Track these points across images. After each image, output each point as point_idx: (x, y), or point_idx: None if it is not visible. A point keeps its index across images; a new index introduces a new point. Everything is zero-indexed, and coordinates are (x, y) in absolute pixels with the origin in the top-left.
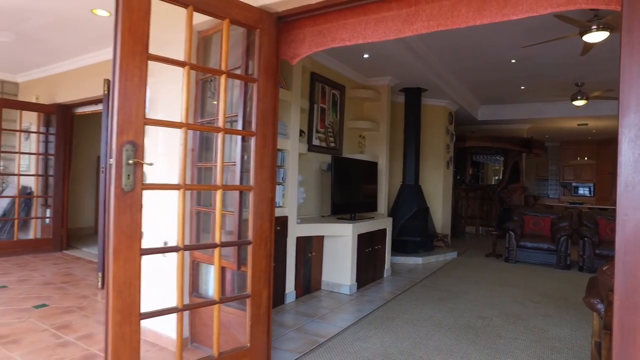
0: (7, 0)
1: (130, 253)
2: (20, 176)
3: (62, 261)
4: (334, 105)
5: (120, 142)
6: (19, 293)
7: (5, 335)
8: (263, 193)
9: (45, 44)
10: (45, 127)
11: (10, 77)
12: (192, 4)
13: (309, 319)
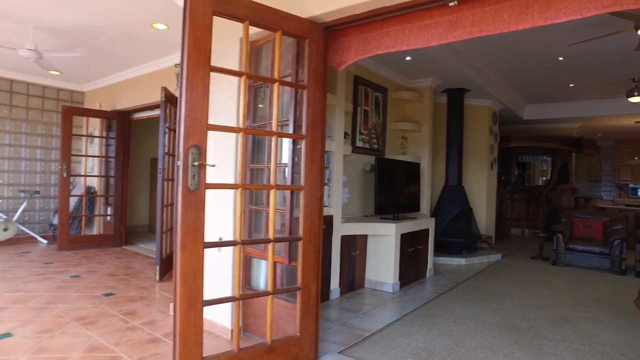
0: (83, 20)
1: (195, 246)
2: (84, 177)
3: (123, 255)
4: (376, 107)
5: (187, 146)
6: (89, 282)
7: (83, 317)
8: (313, 193)
9: (110, 57)
10: (106, 131)
11: (77, 87)
12: (249, 19)
13: (353, 314)
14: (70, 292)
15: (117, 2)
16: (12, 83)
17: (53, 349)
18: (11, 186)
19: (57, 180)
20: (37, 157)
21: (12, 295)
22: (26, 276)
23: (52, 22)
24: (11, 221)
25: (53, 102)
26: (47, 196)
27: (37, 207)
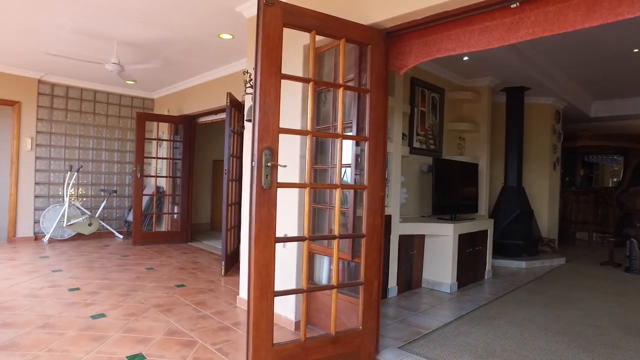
0: (158, 34)
1: (268, 240)
2: (155, 177)
3: (189, 251)
4: (433, 108)
5: (261, 148)
6: (162, 274)
7: (161, 304)
8: (375, 192)
9: (179, 66)
10: (174, 135)
11: (148, 94)
12: (315, 29)
13: (410, 312)
14: (147, 282)
15: (188, 17)
16: (95, 93)
17: (139, 330)
18: (93, 186)
19: (131, 181)
20: (114, 160)
21: (101, 282)
22: (109, 266)
23: (132, 38)
24: (94, 217)
25: (127, 109)
26: (122, 195)
27: (115, 205)
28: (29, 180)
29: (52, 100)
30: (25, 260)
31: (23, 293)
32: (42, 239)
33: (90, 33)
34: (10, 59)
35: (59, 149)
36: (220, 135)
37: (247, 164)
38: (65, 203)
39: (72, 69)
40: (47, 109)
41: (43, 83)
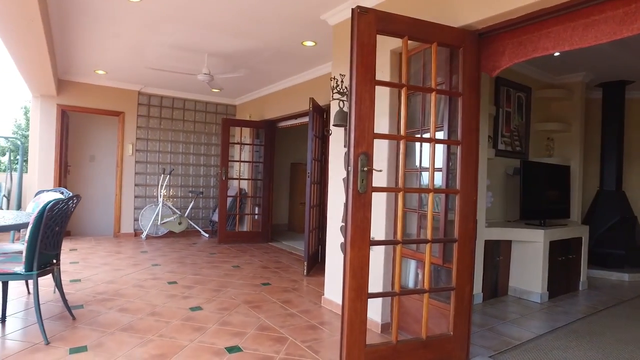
0: (245, 45)
1: (363, 243)
2: (238, 180)
3: (270, 251)
4: (519, 108)
5: (357, 153)
6: (248, 272)
7: (250, 301)
8: (468, 196)
9: (262, 73)
10: (255, 139)
11: (231, 101)
12: (407, 34)
13: (499, 320)
14: (234, 279)
15: (275, 27)
16: (184, 102)
17: (233, 324)
18: (182, 187)
19: (215, 183)
20: (201, 163)
21: (194, 277)
22: (200, 263)
23: (222, 49)
24: (184, 217)
25: (212, 115)
26: (207, 196)
27: (201, 206)
28: (130, 182)
29: (149, 109)
30: (129, 254)
31: (132, 283)
32: (140, 235)
33: (186, 47)
34: (117, 75)
35: (154, 153)
36: (298, 139)
37: (335, 167)
38: (159, 203)
39: (166, 81)
40: (144, 117)
41: (142, 94)
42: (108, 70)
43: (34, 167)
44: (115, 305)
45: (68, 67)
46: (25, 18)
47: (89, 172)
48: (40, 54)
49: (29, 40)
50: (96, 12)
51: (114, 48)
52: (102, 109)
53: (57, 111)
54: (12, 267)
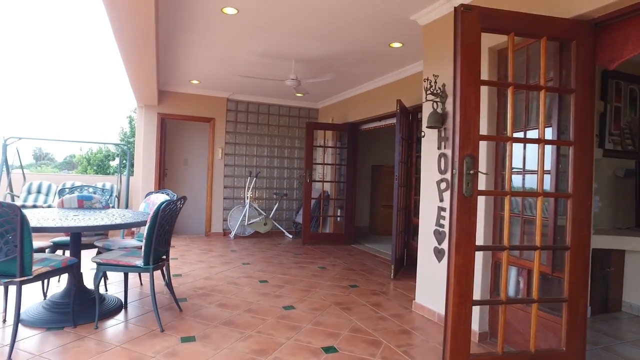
0: (332, 49)
1: (468, 248)
2: (322, 182)
3: (353, 253)
4: (631, 102)
5: (462, 156)
6: (335, 274)
7: (340, 302)
8: (582, 201)
9: (346, 76)
10: (337, 142)
11: (313, 104)
12: (514, 30)
13: (614, 340)
14: (322, 280)
15: (363, 30)
16: (269, 107)
17: (326, 325)
18: (267, 189)
19: (297, 185)
20: (284, 166)
21: (283, 277)
22: (287, 263)
23: (308, 55)
24: (269, 218)
25: (295, 119)
26: (290, 198)
27: (284, 207)
28: (219, 185)
29: (237, 115)
30: (220, 252)
31: (227, 280)
32: (228, 235)
33: (274, 55)
34: (209, 84)
35: (241, 157)
36: (378, 141)
37: (427, 170)
38: (246, 204)
39: (252, 87)
40: (232, 122)
41: (230, 101)
42: (201, 79)
43: (138, 170)
44: (214, 300)
45: (167, 79)
46: (144, 42)
47: (183, 175)
48: (149, 71)
49: (144, 60)
50: (195, 27)
51: (208, 59)
52: (195, 116)
53: (158, 119)
54: (133, 261)
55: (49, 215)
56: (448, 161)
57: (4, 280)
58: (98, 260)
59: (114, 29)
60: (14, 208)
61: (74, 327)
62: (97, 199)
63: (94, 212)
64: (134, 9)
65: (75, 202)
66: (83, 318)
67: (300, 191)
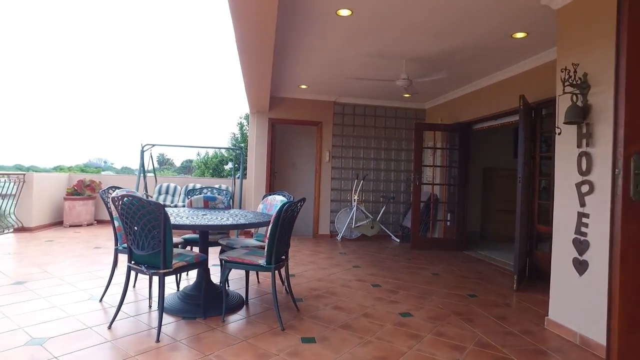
0: (446, 45)
1: (639, 263)
2: (431, 185)
3: (466, 260)
4: None
5: (629, 153)
6: (449, 281)
7: (460, 312)
8: None
9: (459, 74)
10: (447, 143)
11: (420, 105)
12: None
13: None
14: (437, 287)
15: (480, 21)
16: (375, 109)
17: (448, 336)
18: (373, 192)
19: (405, 188)
20: (391, 168)
21: (395, 282)
22: (397, 267)
23: (420, 53)
24: (376, 221)
25: (401, 120)
26: (397, 201)
27: (391, 210)
28: (326, 187)
29: (343, 118)
30: (329, 254)
31: (339, 283)
32: (335, 237)
33: (385, 55)
34: (316, 88)
35: (348, 159)
36: (491, 142)
37: (563, 171)
38: (353, 207)
39: (358, 90)
40: (339, 126)
41: (337, 104)
42: (309, 84)
43: (251, 173)
44: (329, 302)
45: (278, 85)
46: (263, 49)
47: (291, 178)
48: (264, 77)
49: (261, 67)
50: (309, 31)
51: (318, 63)
52: (303, 120)
53: (268, 124)
54: (256, 260)
55: (182, 214)
56: (592, 161)
57: (151, 271)
58: (225, 257)
59: (238, 37)
60: (159, 207)
61: (204, 319)
62: (220, 200)
63: (219, 212)
64: (257, 17)
65: (201, 202)
66: (211, 311)
67: (407, 194)
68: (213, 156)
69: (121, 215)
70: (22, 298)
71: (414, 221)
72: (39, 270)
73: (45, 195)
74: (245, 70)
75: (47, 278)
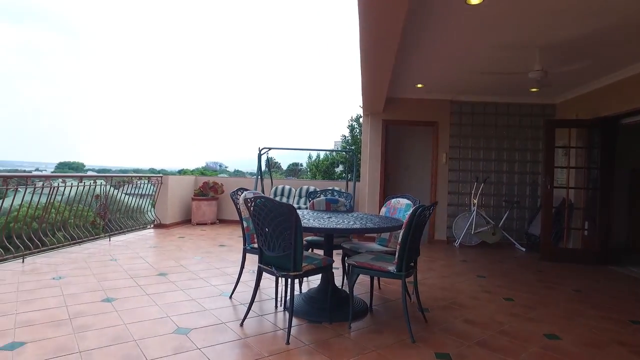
0: (589, 26)
1: None
2: (566, 189)
3: (614, 277)
4: None
5: None
6: (598, 302)
7: (624, 342)
8: None
9: (603, 60)
10: (585, 141)
11: (549, 100)
12: None
13: None
14: (583, 307)
15: None
16: (496, 106)
17: None
18: (494, 196)
19: (530, 192)
20: (515, 170)
21: (530, 297)
22: (528, 280)
23: (557, 39)
24: (498, 227)
25: (527, 118)
26: (522, 206)
27: (514, 216)
28: (443, 190)
29: (460, 117)
30: (448, 261)
31: (466, 293)
32: (452, 243)
33: (514, 45)
34: (432, 86)
35: (466, 161)
36: None
37: None
38: (473, 212)
39: (477, 87)
40: (456, 125)
41: (453, 103)
42: (425, 82)
43: (364, 175)
44: (458, 315)
45: (393, 85)
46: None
47: (404, 180)
48: (383, 79)
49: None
50: (432, 24)
51: (438, 59)
52: (418, 121)
53: (382, 125)
54: (386, 266)
55: (307, 216)
56: None
57: (281, 273)
58: (353, 262)
59: (362, 37)
60: (292, 209)
61: (330, 324)
62: (342, 203)
63: (343, 215)
64: (386, 15)
65: (323, 205)
66: (336, 316)
67: (532, 199)
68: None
69: (253, 216)
70: (165, 289)
71: (545, 229)
72: (176, 264)
73: (177, 196)
74: (365, 71)
75: (183, 272)
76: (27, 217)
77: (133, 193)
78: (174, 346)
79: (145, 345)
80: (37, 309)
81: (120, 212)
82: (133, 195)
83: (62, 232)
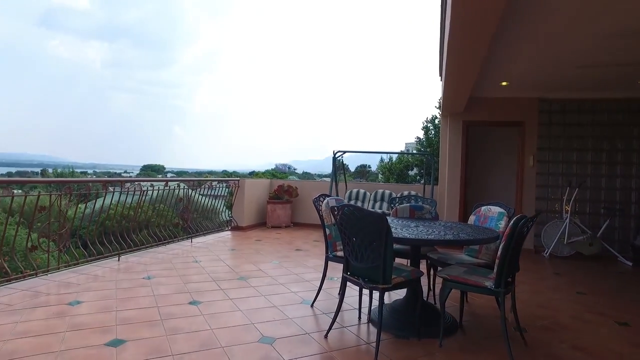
0: None
1: None
2: None
3: None
4: None
5: None
6: None
7: None
8: None
9: None
10: None
11: None
12: None
13: None
14: None
15: None
16: (592, 103)
17: None
18: (591, 203)
19: (635, 198)
20: (616, 174)
21: None
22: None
23: None
24: (596, 237)
25: (630, 115)
26: (626, 214)
27: (616, 225)
28: (530, 195)
29: (550, 116)
30: (539, 274)
31: (567, 313)
32: (542, 253)
33: (624, 32)
34: (518, 84)
35: (556, 164)
36: None
37: None
38: (566, 220)
39: (569, 82)
40: (545, 125)
41: (542, 101)
42: (510, 80)
43: (443, 179)
44: (564, 339)
45: (477, 84)
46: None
47: (485, 185)
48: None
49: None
50: (524, 16)
51: (527, 53)
52: (501, 121)
53: (462, 127)
54: (482, 281)
55: (393, 225)
56: None
57: (370, 285)
58: (445, 276)
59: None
60: (382, 218)
61: (419, 340)
62: (428, 210)
63: (430, 224)
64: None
65: (407, 212)
66: (424, 331)
67: (639, 205)
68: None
69: (339, 224)
70: (247, 294)
71: None
72: (255, 268)
73: (253, 199)
74: (450, 70)
75: (263, 277)
76: (119, 216)
77: (207, 194)
78: (260, 356)
79: (232, 353)
80: (133, 308)
81: (198, 212)
82: (207, 197)
83: (147, 230)
